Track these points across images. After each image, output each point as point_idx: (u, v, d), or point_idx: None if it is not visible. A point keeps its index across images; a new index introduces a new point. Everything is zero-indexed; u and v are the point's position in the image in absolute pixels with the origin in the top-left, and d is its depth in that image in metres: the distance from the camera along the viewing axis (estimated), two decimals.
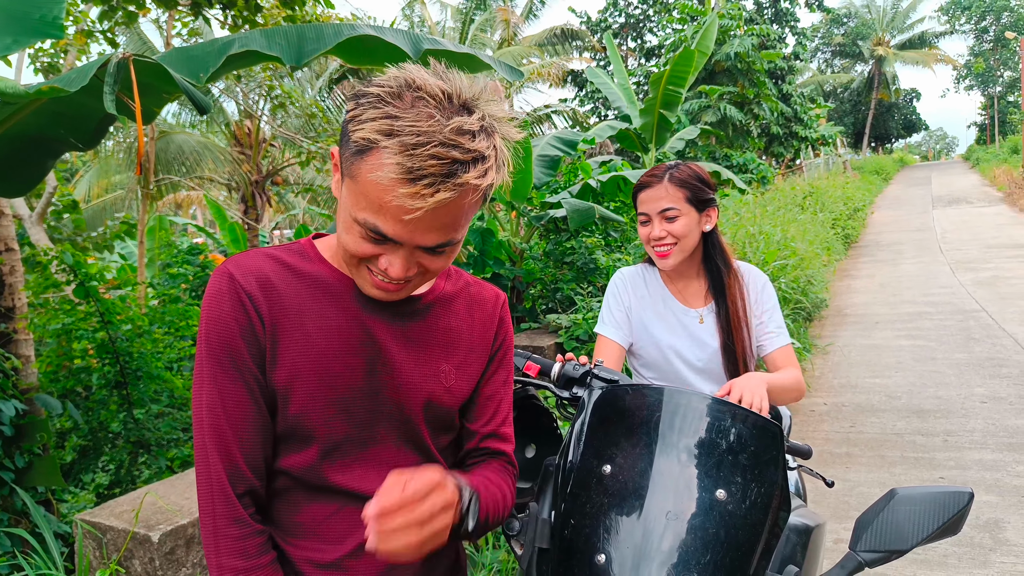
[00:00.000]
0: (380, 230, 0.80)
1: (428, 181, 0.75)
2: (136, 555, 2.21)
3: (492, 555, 2.55)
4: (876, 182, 25.62)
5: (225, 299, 0.87)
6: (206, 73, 2.28)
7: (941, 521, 1.01)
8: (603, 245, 6.17)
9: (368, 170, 0.78)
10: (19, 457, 2.83)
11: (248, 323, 0.87)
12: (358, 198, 0.80)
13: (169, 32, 6.66)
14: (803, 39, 23.40)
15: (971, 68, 45.59)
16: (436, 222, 0.80)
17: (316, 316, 0.91)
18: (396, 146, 0.75)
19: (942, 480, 3.65)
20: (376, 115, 0.77)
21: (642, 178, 1.71)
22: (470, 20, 18.57)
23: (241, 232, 10.00)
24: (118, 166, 10.37)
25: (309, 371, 0.89)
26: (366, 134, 0.77)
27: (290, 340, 0.89)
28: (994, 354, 5.88)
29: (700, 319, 1.74)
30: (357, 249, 0.84)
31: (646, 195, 1.68)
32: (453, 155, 0.76)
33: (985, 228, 13.93)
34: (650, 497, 1.05)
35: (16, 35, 2.06)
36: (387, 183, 0.76)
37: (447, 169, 0.76)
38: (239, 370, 0.87)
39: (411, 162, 0.75)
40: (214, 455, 0.86)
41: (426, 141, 0.75)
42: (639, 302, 1.77)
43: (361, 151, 0.78)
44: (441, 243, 0.83)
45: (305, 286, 0.92)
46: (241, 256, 0.91)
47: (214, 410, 0.86)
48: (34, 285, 3.94)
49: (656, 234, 1.66)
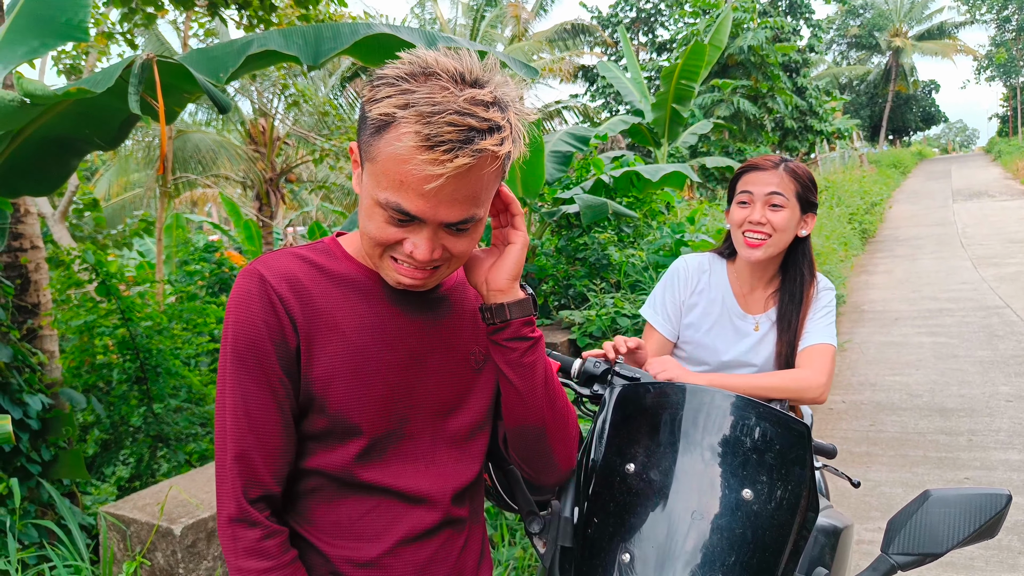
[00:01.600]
0: (403, 208, 0.81)
1: (447, 147, 0.77)
2: (159, 547, 2.24)
3: (508, 552, 2.55)
4: (894, 176, 25.26)
5: (255, 300, 0.87)
6: (226, 73, 2.31)
7: (977, 524, 0.99)
8: (616, 241, 6.14)
9: (387, 145, 0.79)
10: (45, 450, 2.88)
11: (279, 325, 0.87)
12: (379, 178, 0.81)
13: (186, 33, 6.72)
14: (818, 31, 23.12)
15: (992, 58, 44.77)
16: (457, 194, 0.81)
17: (349, 314, 0.91)
18: (413, 116, 0.77)
19: (967, 481, 3.59)
20: (392, 92, 0.79)
21: (752, 160, 1.63)
22: (481, 16, 18.56)
23: (256, 229, 10.08)
24: (136, 164, 10.49)
25: (346, 369, 0.89)
26: (383, 109, 0.79)
27: (325, 340, 0.89)
28: (1019, 351, 5.77)
29: (756, 326, 1.65)
30: (381, 235, 0.85)
31: (755, 176, 1.58)
32: (469, 122, 0.77)
33: (1008, 222, 13.67)
34: (675, 496, 1.04)
35: (43, 38, 2.10)
36: (406, 153, 0.78)
37: (464, 135, 0.77)
38: (265, 373, 0.86)
39: (428, 129, 0.77)
40: (232, 461, 0.86)
41: (442, 109, 0.77)
42: (696, 297, 1.69)
43: (380, 128, 0.80)
44: (464, 219, 0.83)
45: (335, 285, 0.92)
46: (269, 257, 0.92)
47: (237, 415, 0.86)
48: (57, 282, 4.00)
49: (756, 218, 1.56)
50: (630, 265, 5.69)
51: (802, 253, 1.67)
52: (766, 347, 1.65)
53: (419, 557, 0.94)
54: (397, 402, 0.92)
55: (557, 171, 6.07)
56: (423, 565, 0.95)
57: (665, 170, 5.94)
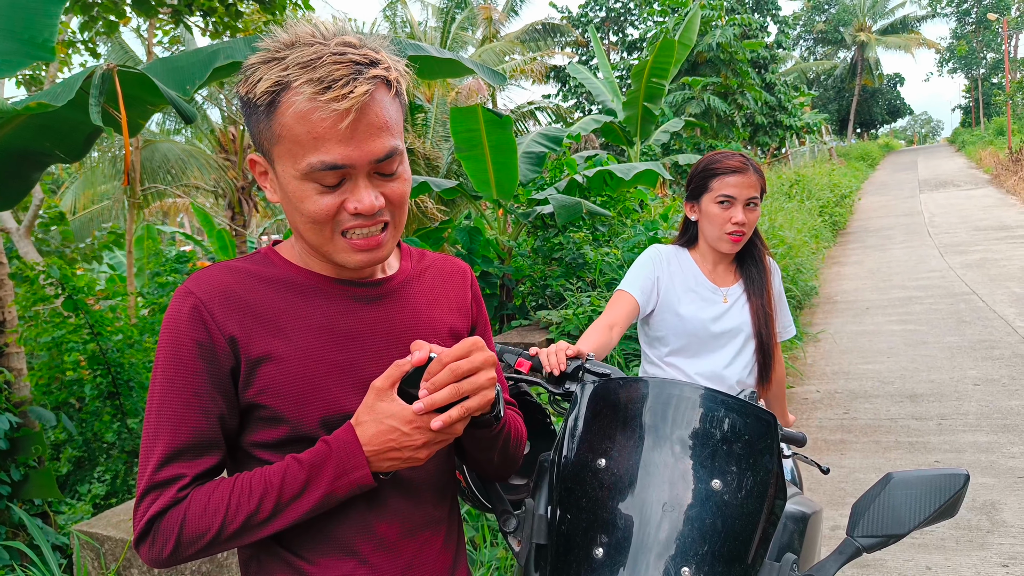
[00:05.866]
0: (328, 162, 0.80)
1: (343, 82, 0.78)
2: (134, 564, 2.21)
3: (490, 553, 2.56)
4: (862, 168, 25.77)
5: (185, 322, 0.85)
6: (192, 86, 2.28)
7: (938, 504, 1.01)
8: (591, 240, 6.18)
9: (285, 111, 0.80)
10: (15, 470, 2.82)
11: (210, 344, 0.85)
12: (293, 149, 0.81)
13: (150, 40, 6.61)
14: (785, 27, 23.54)
15: (954, 51, 45.90)
16: (371, 126, 0.81)
17: (293, 318, 0.89)
18: (298, 71, 0.79)
19: (937, 464, 3.69)
20: (265, 69, 0.81)
21: (729, 162, 1.75)
22: (452, 18, 18.52)
23: (229, 239, 9.95)
24: (103, 176, 10.29)
25: (297, 375, 0.87)
26: (266, 85, 0.80)
27: (270, 348, 0.87)
28: (986, 336, 5.94)
29: (725, 299, 1.83)
30: (320, 208, 0.83)
31: (738, 180, 1.73)
32: (350, 58, 0.80)
33: (973, 211, 14.04)
34: (646, 489, 1.06)
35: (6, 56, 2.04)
36: (308, 105, 0.79)
37: (352, 69, 0.79)
38: (196, 394, 0.84)
39: (317, 74, 0.78)
40: (153, 462, 0.83)
41: (320, 55, 0.79)
42: (671, 277, 1.85)
43: (271, 104, 0.81)
44: (388, 152, 0.83)
45: (275, 291, 0.90)
46: (202, 273, 0.89)
47: (160, 423, 0.84)
48: (23, 299, 3.92)
49: (740, 219, 1.73)
50: (605, 263, 5.74)
51: (757, 236, 1.89)
52: (736, 314, 1.83)
53: (399, 561, 0.93)
54: (355, 404, 0.89)
55: (531, 172, 6.10)
56: (403, 569, 0.93)
57: (638, 168, 5.99)
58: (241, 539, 0.84)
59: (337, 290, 0.92)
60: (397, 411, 0.81)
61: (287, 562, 0.90)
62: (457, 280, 1.05)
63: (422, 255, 1.05)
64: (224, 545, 0.84)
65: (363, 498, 0.90)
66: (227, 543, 0.84)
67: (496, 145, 5.42)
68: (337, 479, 0.83)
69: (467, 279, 1.07)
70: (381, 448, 0.82)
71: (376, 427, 0.82)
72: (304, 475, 0.83)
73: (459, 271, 1.07)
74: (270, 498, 0.83)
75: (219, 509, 0.82)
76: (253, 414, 0.88)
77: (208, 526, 0.82)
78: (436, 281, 1.03)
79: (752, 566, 1.02)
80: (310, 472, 0.83)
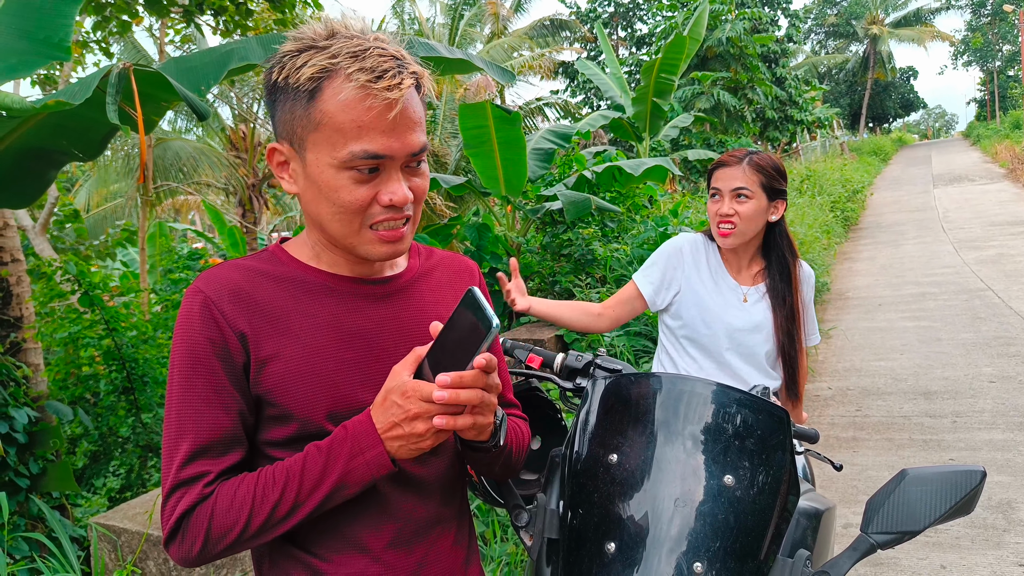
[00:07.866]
0: (371, 151, 0.81)
1: (391, 72, 0.80)
2: (150, 556, 2.24)
3: (500, 548, 2.57)
4: (874, 163, 25.52)
5: (197, 320, 0.85)
6: (207, 87, 2.30)
7: (953, 501, 1.00)
8: (600, 236, 6.16)
9: (330, 99, 0.80)
10: (33, 464, 2.87)
11: (223, 342, 0.85)
12: (334, 138, 0.81)
13: (162, 40, 6.66)
14: (796, 21, 23.29)
15: (969, 43, 45.32)
16: (410, 120, 0.83)
17: (300, 316, 0.89)
18: (347, 61, 0.80)
19: (952, 462, 3.65)
20: (307, 56, 0.81)
21: (721, 157, 1.79)
22: (460, 15, 18.50)
23: (240, 236, 10.01)
24: (117, 174, 10.38)
25: (304, 372, 0.87)
26: (311, 71, 0.80)
27: (279, 346, 0.87)
28: (1001, 333, 5.87)
29: (744, 298, 1.81)
30: (355, 198, 0.83)
31: (723, 173, 1.75)
32: (391, 52, 0.82)
33: (988, 206, 13.87)
34: (657, 485, 1.06)
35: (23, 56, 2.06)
36: (358, 94, 0.80)
37: (396, 63, 0.81)
38: (215, 391, 0.85)
39: (367, 63, 0.80)
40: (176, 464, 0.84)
41: (366, 47, 0.81)
42: (695, 269, 1.84)
43: (314, 91, 0.81)
44: (422, 147, 0.86)
45: (283, 289, 0.90)
46: (212, 272, 0.90)
47: (182, 425, 0.85)
48: (40, 295, 3.97)
49: (724, 210, 1.73)
50: (615, 260, 5.72)
51: (779, 235, 1.83)
52: (754, 314, 1.80)
53: (412, 558, 0.93)
54: (363, 402, 0.90)
55: (540, 168, 6.09)
56: (415, 566, 0.94)
57: (647, 164, 5.97)
58: (266, 532, 0.85)
59: (345, 288, 0.92)
60: (396, 385, 0.82)
61: (300, 560, 0.91)
62: (465, 278, 1.06)
63: (430, 253, 1.06)
64: (250, 541, 0.85)
65: (375, 495, 0.90)
66: (253, 538, 0.84)
67: (505, 141, 5.42)
68: (352, 458, 0.83)
69: (475, 277, 1.08)
70: (387, 426, 0.83)
71: (382, 407, 0.83)
72: (323, 458, 0.84)
73: (467, 269, 1.07)
74: (292, 484, 0.84)
75: (245, 502, 0.83)
76: (263, 412, 0.88)
77: (235, 520, 0.83)
78: (444, 279, 1.03)
79: (765, 562, 1.02)
80: (328, 455, 0.84)
